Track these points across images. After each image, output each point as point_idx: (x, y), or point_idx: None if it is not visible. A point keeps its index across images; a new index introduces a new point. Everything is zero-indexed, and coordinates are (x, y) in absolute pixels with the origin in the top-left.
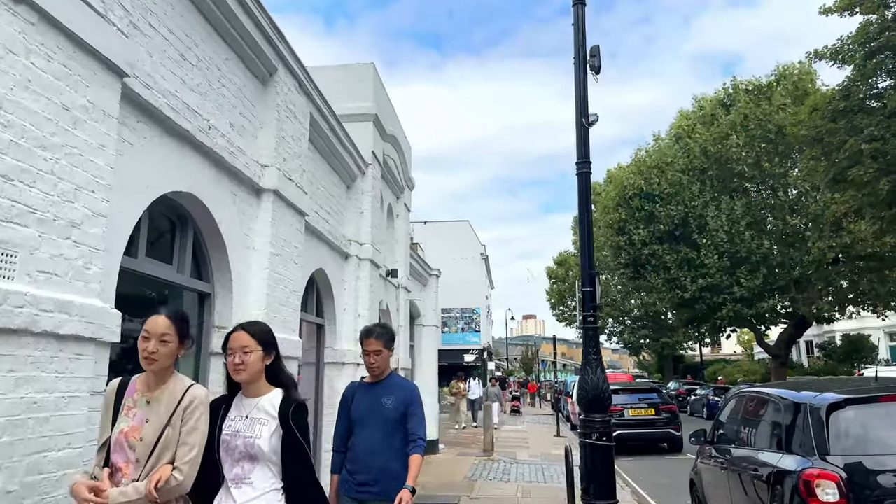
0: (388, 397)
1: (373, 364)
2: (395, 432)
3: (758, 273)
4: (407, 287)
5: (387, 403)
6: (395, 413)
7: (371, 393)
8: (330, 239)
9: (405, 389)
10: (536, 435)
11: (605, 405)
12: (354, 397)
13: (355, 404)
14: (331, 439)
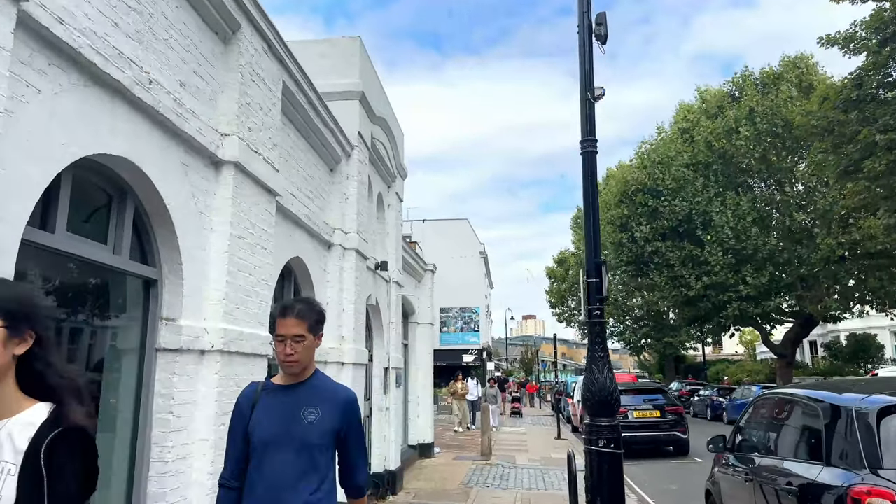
0: (312, 409)
1: (290, 357)
2: (318, 464)
3: (764, 271)
4: (399, 282)
5: (308, 418)
6: (320, 434)
7: (284, 401)
8: (309, 225)
9: (338, 399)
10: (536, 437)
11: (613, 408)
12: (257, 406)
13: (258, 417)
14: None
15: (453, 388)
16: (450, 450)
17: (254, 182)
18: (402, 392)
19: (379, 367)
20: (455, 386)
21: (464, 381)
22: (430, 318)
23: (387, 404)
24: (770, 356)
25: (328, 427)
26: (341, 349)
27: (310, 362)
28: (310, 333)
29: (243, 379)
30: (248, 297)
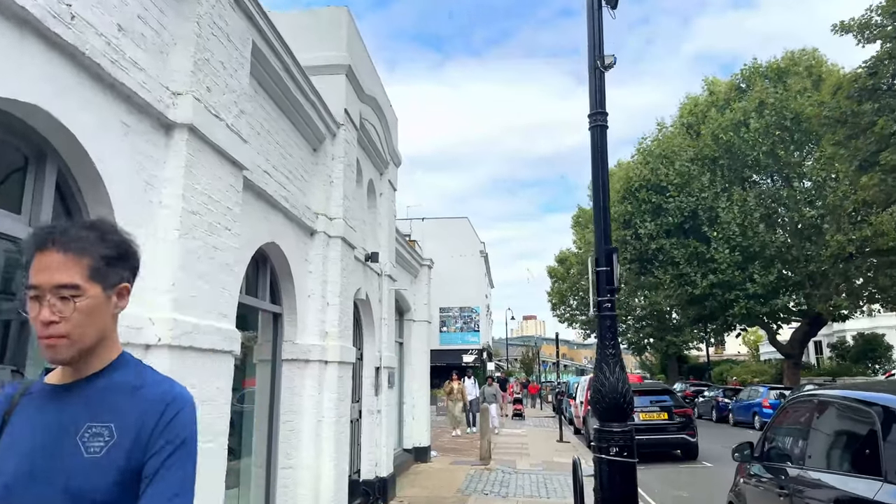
0: (97, 428)
1: (50, 329)
2: None
3: (772, 268)
4: (392, 275)
5: (89, 446)
6: (104, 474)
7: (49, 415)
8: (287, 207)
9: (147, 408)
10: (537, 440)
11: (626, 412)
12: (9, 423)
13: (4, 443)
14: (288, 459)
15: (448, 389)
16: (447, 453)
17: (214, 151)
18: (397, 393)
19: (369, 367)
20: (450, 386)
21: (460, 380)
22: (427, 316)
23: (378, 406)
24: (774, 356)
25: (123, 462)
26: (325, 346)
27: (99, 341)
28: (93, 283)
29: (200, 380)
30: (206, 283)
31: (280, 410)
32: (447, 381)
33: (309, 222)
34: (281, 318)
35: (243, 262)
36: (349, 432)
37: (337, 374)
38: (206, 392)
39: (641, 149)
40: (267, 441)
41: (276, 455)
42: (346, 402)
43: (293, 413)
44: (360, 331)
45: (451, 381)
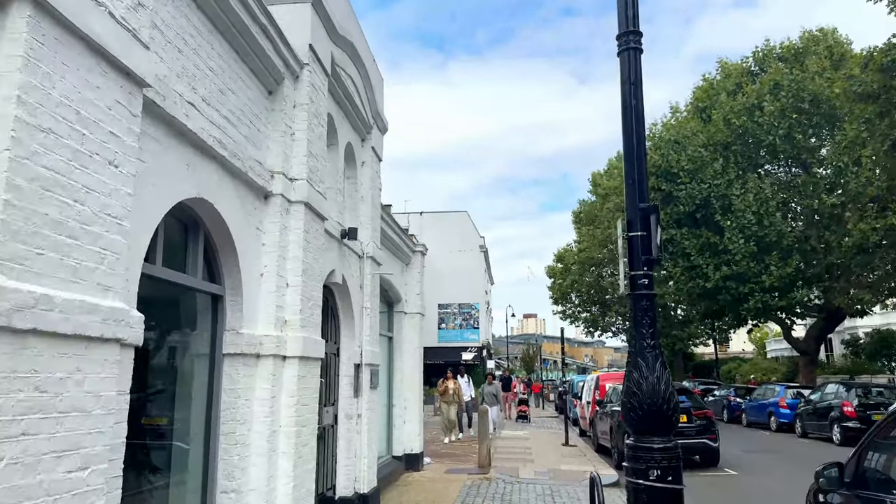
0: None
1: None
2: None
3: (790, 259)
4: (376, 258)
5: None
6: None
7: None
8: (224, 157)
9: None
10: (541, 443)
11: (670, 422)
12: None
13: None
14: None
15: (442, 389)
16: (442, 460)
17: (84, 45)
18: (385, 394)
19: (348, 364)
20: (444, 385)
21: (455, 379)
22: (420, 308)
23: (358, 410)
24: (782, 354)
25: None
26: (282, 337)
27: None
28: None
29: (54, 380)
30: (68, 238)
31: (220, 419)
32: (440, 379)
33: (261, 181)
34: (222, 301)
35: (148, 220)
36: (316, 443)
37: (298, 372)
38: (71, 398)
39: (652, 135)
40: (202, 459)
41: (215, 476)
42: (312, 407)
43: (238, 422)
44: (336, 321)
45: (444, 380)
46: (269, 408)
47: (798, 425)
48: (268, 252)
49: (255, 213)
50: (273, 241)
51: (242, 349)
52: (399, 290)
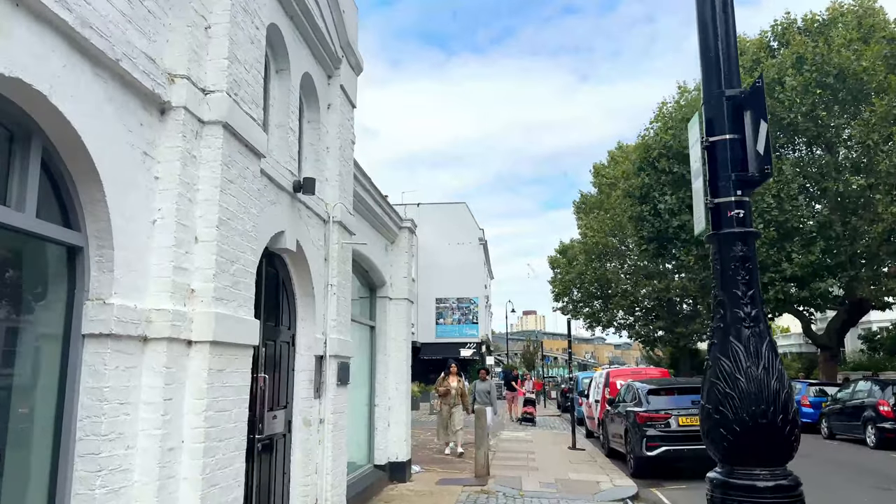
0: None
1: None
2: None
3: (814, 246)
4: (346, 225)
5: None
6: None
7: None
8: (74, 29)
9: None
10: (545, 446)
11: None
12: None
13: None
14: None
15: (444, 388)
16: (433, 468)
17: None
18: (366, 392)
19: (307, 356)
20: (447, 384)
21: (459, 377)
22: (408, 293)
23: (321, 414)
24: (790, 350)
25: None
26: (184, 313)
27: None
28: None
29: None
30: None
31: (75, 433)
32: (442, 375)
33: (150, 83)
34: (81, 255)
35: None
36: (245, 463)
37: (211, 363)
38: None
39: (662, 114)
40: (47, 490)
41: None
42: (237, 414)
43: (106, 438)
44: (291, 301)
45: (447, 377)
46: (163, 415)
47: (824, 426)
48: (164, 190)
49: (142, 132)
50: (172, 174)
51: (113, 328)
52: (382, 271)
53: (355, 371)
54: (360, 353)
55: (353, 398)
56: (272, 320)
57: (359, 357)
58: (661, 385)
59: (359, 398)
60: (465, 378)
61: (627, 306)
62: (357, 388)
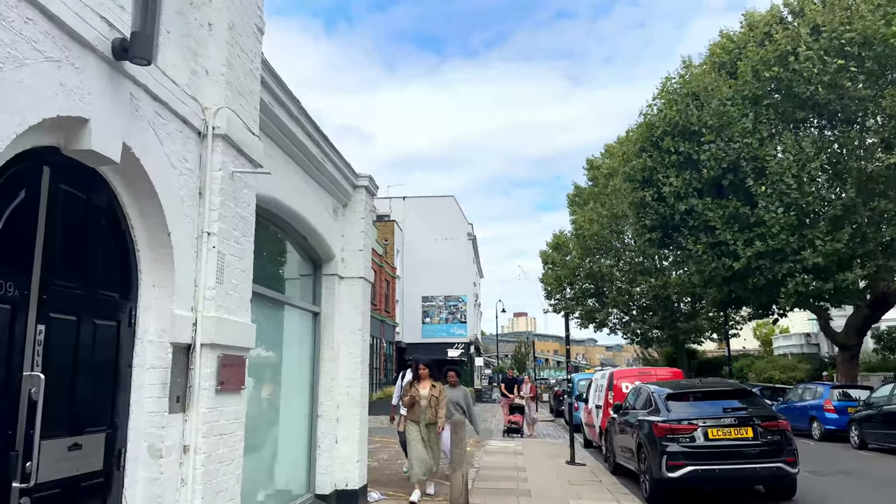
0: None
1: None
2: None
3: (840, 232)
4: (241, 146)
5: None
6: None
7: None
8: None
9: None
10: (539, 460)
11: None
12: None
13: None
14: None
15: (409, 398)
16: (398, 492)
17: None
18: (306, 399)
19: (159, 344)
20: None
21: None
22: (364, 271)
23: (185, 438)
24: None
25: None
26: None
27: None
28: None
29: None
30: None
31: None
32: (405, 377)
33: None
34: None
35: None
36: None
37: None
38: None
39: (665, 90)
40: None
41: None
42: None
43: None
44: (128, 254)
45: (416, 381)
46: None
47: (854, 434)
48: None
49: None
50: None
51: None
52: (329, 241)
53: (291, 371)
54: (297, 348)
55: (287, 407)
56: (76, 280)
57: (296, 352)
58: (682, 388)
59: (294, 407)
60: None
61: (623, 304)
62: (292, 393)
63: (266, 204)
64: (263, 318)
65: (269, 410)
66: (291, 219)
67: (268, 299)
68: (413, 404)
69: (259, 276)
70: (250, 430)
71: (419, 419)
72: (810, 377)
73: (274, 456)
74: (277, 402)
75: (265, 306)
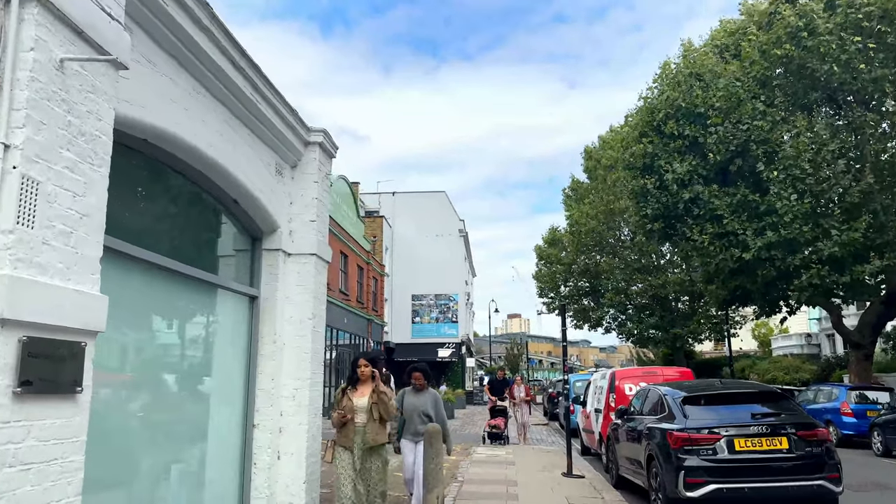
0: None
1: None
2: None
3: (858, 221)
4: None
5: None
6: None
7: None
8: None
9: None
10: (532, 473)
11: None
12: None
13: None
14: None
15: (339, 413)
16: None
17: None
18: (240, 407)
19: None
20: (347, 400)
21: (377, 383)
22: (316, 247)
23: None
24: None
25: None
26: None
27: None
28: None
29: None
30: None
31: None
32: (343, 385)
33: None
34: None
35: None
36: None
37: None
38: None
39: (666, 73)
40: None
41: None
42: None
43: None
44: None
45: (350, 391)
46: None
47: (877, 440)
48: None
49: None
50: None
51: None
52: (270, 208)
53: (218, 370)
54: (227, 341)
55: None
56: None
57: (224, 346)
58: (700, 390)
59: (222, 416)
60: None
61: (619, 303)
62: (218, 399)
63: (165, 143)
64: (175, 300)
65: (186, 421)
66: (212, 172)
67: (180, 276)
68: (344, 423)
69: (166, 245)
70: (158, 446)
71: (352, 443)
72: (816, 378)
73: (194, 478)
74: (199, 410)
75: (178, 285)
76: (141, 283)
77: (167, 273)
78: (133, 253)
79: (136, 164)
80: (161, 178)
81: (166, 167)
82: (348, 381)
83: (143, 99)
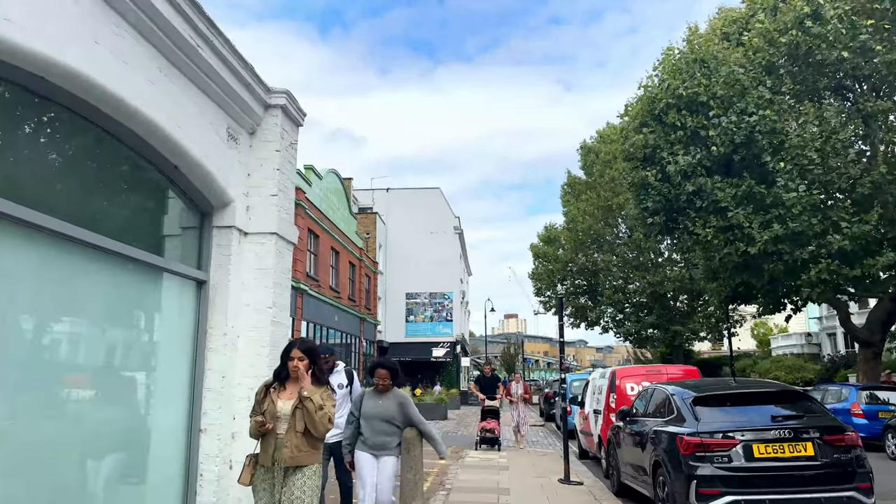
0: None
1: None
2: None
3: (870, 213)
4: None
5: None
6: None
7: None
8: None
9: None
10: (526, 478)
11: None
12: None
13: None
14: None
15: (260, 415)
16: None
17: None
18: (184, 408)
19: None
20: (269, 403)
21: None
22: (277, 226)
23: None
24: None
25: None
26: None
27: None
28: None
29: None
30: None
31: None
32: (276, 378)
33: None
34: None
35: None
36: None
37: None
38: None
39: (668, 62)
40: None
41: None
42: None
43: None
44: None
45: (277, 389)
46: None
47: (891, 442)
48: None
49: None
50: None
51: None
52: (221, 179)
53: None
54: (167, 331)
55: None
56: None
57: (164, 338)
58: (712, 390)
59: (161, 421)
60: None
61: (617, 302)
62: (157, 399)
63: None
64: (103, 283)
65: (114, 427)
66: (143, 130)
67: (108, 254)
68: (264, 433)
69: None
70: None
71: (270, 460)
72: (820, 378)
73: (125, 495)
74: (129, 415)
75: (106, 265)
76: (55, 259)
77: (85, 248)
78: (39, 222)
79: (41, 113)
80: (76, 134)
81: (84, 120)
82: (275, 376)
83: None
